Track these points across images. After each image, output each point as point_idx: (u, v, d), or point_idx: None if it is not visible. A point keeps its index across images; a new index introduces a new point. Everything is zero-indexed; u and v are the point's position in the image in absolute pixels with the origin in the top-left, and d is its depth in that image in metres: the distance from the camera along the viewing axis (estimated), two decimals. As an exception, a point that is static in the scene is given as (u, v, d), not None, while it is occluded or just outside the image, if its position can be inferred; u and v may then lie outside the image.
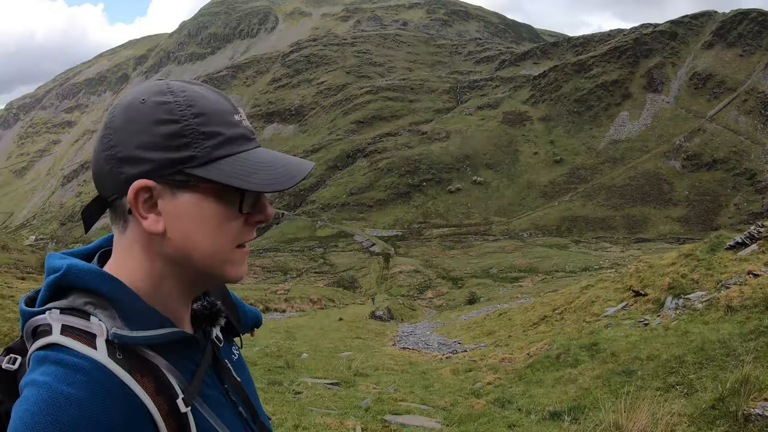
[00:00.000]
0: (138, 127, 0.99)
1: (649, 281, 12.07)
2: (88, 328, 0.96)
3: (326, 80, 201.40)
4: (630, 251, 77.94)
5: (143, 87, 1.04)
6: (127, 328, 0.98)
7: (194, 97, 1.04)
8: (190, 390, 1.04)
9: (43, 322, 0.99)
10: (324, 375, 10.87)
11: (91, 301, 1.00)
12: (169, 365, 1.02)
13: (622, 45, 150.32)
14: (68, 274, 1.01)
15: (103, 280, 1.01)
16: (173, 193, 1.01)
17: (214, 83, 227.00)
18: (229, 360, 1.25)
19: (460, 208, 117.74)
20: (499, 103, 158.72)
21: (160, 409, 0.97)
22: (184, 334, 1.06)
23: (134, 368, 0.96)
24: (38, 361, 0.94)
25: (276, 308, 37.43)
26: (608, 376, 7.22)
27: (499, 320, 23.13)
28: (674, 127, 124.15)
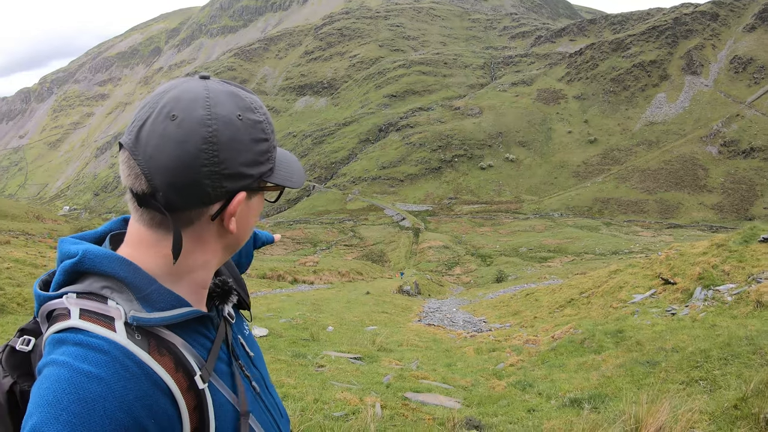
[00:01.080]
0: (241, 146, 1.05)
1: (679, 270, 11.86)
2: (106, 312, 0.99)
3: (359, 53, 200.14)
4: (661, 236, 76.67)
5: (224, 95, 1.07)
6: (144, 310, 1.01)
7: (266, 111, 1.15)
8: (207, 366, 1.07)
9: (60, 306, 1.00)
10: (348, 349, 10.95)
11: (108, 285, 1.03)
12: (185, 343, 1.06)
13: (661, 24, 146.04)
14: (84, 259, 1.04)
15: (120, 264, 1.03)
16: (249, 198, 1.13)
17: (246, 56, 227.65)
18: (241, 335, 1.30)
19: (491, 185, 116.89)
20: (533, 80, 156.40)
21: (180, 386, 1.00)
22: (200, 312, 1.09)
23: (152, 348, 0.99)
24: (56, 343, 0.95)
25: (304, 280, 37.77)
26: (632, 365, 7.16)
27: (525, 300, 23.03)
28: (712, 111, 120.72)
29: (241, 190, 1.07)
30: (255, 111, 1.10)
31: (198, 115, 1.02)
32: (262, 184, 1.13)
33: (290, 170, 1.20)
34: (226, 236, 1.13)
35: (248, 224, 1.17)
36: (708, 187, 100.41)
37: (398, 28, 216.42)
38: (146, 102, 1.07)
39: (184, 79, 1.10)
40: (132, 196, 1.06)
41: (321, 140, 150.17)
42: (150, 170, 1.01)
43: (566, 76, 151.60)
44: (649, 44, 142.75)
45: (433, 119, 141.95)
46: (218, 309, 1.23)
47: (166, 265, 1.08)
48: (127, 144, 1.04)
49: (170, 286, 1.07)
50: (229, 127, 1.04)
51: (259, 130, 1.09)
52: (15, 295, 11.29)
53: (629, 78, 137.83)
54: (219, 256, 1.16)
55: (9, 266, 14.03)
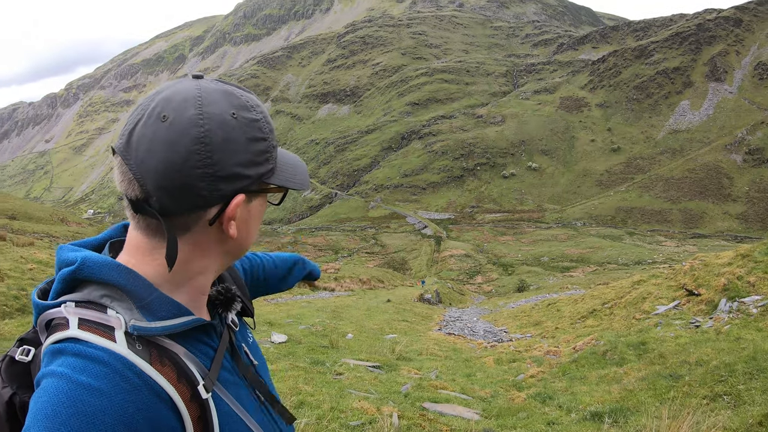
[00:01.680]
0: (236, 147, 1.01)
1: (703, 280, 11.66)
2: (106, 321, 0.96)
3: (381, 61, 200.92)
4: (685, 246, 75.70)
5: (217, 93, 1.04)
6: (144, 319, 0.99)
7: (264, 109, 1.11)
8: (210, 376, 1.04)
9: (58, 315, 0.98)
10: (367, 357, 10.90)
11: (108, 294, 1.00)
12: (187, 352, 1.03)
13: (684, 30, 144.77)
14: (83, 266, 1.01)
15: (120, 272, 1.01)
16: (249, 200, 1.09)
17: (269, 63, 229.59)
18: (245, 343, 1.27)
19: (514, 193, 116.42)
20: (556, 87, 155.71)
21: (182, 396, 0.97)
22: (202, 321, 1.07)
23: (154, 358, 0.97)
24: (54, 353, 0.93)
25: (325, 287, 37.78)
26: (654, 378, 7.04)
27: (547, 311, 22.81)
28: (736, 119, 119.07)
29: (239, 192, 1.03)
30: (251, 109, 1.06)
31: (189, 114, 0.98)
32: (262, 185, 1.10)
33: (293, 171, 1.16)
34: (227, 242, 1.09)
35: (250, 228, 1.13)
36: (732, 197, 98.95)
37: (420, 36, 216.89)
38: (139, 104, 1.04)
39: (177, 80, 1.06)
40: (127, 203, 1.04)
41: (343, 148, 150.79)
42: (142, 174, 0.98)
43: (589, 83, 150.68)
44: (673, 51, 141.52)
45: (455, 127, 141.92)
46: (221, 317, 1.20)
47: (164, 273, 1.05)
48: (118, 148, 1.02)
49: (169, 294, 1.05)
50: (223, 127, 1.00)
51: (256, 128, 1.05)
52: (37, 297, 11.43)
53: (653, 85, 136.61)
54: (219, 262, 1.13)
55: (32, 267, 14.23)
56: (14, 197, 76.79)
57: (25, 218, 47.35)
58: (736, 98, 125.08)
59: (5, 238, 21.64)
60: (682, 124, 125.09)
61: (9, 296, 10.72)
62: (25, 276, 12.99)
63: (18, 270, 13.35)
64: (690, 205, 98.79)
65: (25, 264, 14.42)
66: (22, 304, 10.70)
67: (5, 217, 45.35)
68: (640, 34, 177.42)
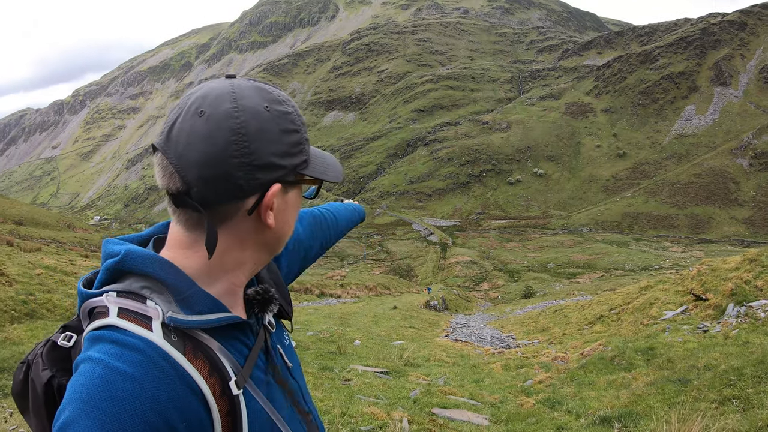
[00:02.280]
0: (270, 137, 1.06)
1: (710, 285, 11.65)
2: (144, 311, 1.00)
3: (387, 68, 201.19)
4: (692, 252, 75.33)
5: (250, 89, 1.09)
6: (182, 312, 1.02)
7: (295, 104, 1.16)
8: (243, 373, 1.07)
9: (100, 304, 1.02)
10: (375, 363, 10.93)
11: (148, 286, 1.04)
12: (222, 347, 1.06)
13: (688, 35, 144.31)
14: (127, 258, 1.05)
15: (161, 265, 1.05)
16: (285, 191, 1.13)
17: (275, 71, 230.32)
18: (281, 345, 1.29)
19: (520, 200, 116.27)
20: (561, 93, 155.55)
21: (213, 390, 1.00)
22: (238, 318, 1.09)
23: (188, 350, 1.00)
24: (93, 340, 0.97)
25: (331, 294, 37.87)
26: (663, 383, 7.05)
27: (554, 317, 22.79)
28: (742, 122, 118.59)
29: (276, 181, 1.08)
30: (282, 103, 1.12)
31: (225, 108, 1.03)
32: (297, 177, 1.14)
33: (326, 164, 1.21)
34: (265, 232, 1.12)
35: (287, 220, 1.17)
36: (739, 201, 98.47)
37: (426, 43, 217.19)
38: (176, 104, 1.08)
39: (210, 81, 1.12)
40: (169, 198, 1.08)
41: (349, 155, 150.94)
42: (182, 167, 1.02)
43: (594, 89, 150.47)
44: (677, 56, 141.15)
45: (460, 134, 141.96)
46: (258, 317, 1.22)
47: (204, 266, 1.08)
48: (159, 144, 1.06)
49: (207, 288, 1.08)
50: (257, 118, 1.05)
51: (288, 121, 1.10)
52: (45, 301, 11.52)
53: (658, 90, 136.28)
54: (257, 254, 1.16)
55: (40, 272, 14.31)
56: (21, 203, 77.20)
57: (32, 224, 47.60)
58: (742, 102, 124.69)
59: (12, 244, 21.80)
60: (687, 129, 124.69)
61: (17, 301, 10.79)
62: (33, 281, 13.07)
63: (26, 275, 13.43)
64: (696, 210, 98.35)
65: (32, 269, 14.51)
66: (30, 309, 10.76)
67: (12, 222, 45.67)
68: (645, 39, 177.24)
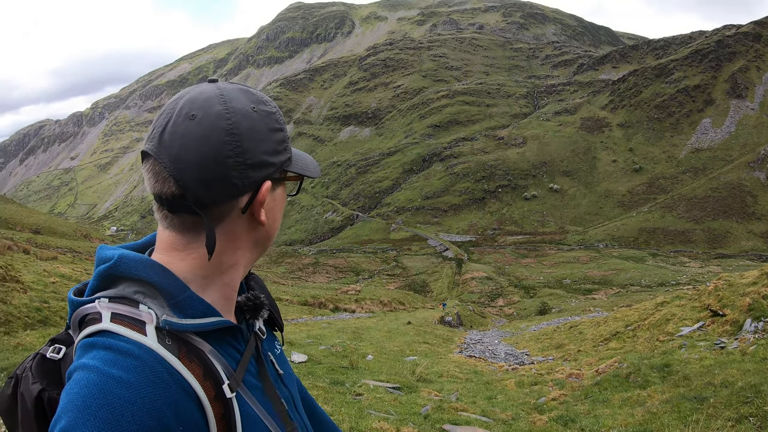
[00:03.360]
0: (260, 136, 1.10)
1: (728, 301, 11.47)
2: (137, 316, 1.00)
3: (403, 84, 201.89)
4: (709, 267, 74.43)
5: (235, 91, 1.13)
6: (175, 316, 1.02)
7: (276, 105, 1.21)
8: (235, 376, 1.07)
9: (93, 310, 1.02)
10: (387, 378, 10.87)
11: (141, 290, 1.04)
12: (214, 351, 1.06)
13: (703, 48, 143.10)
14: (119, 263, 1.06)
15: (154, 269, 1.05)
16: (273, 188, 1.17)
17: (291, 86, 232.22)
18: (272, 353, 1.29)
19: (536, 215, 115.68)
20: (577, 108, 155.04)
21: (207, 393, 1.00)
22: (230, 323, 1.10)
23: (183, 354, 1.00)
24: (87, 347, 0.97)
25: (345, 308, 37.80)
26: (678, 401, 6.92)
27: (569, 333, 22.57)
28: (759, 135, 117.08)
29: (266, 179, 1.11)
30: (267, 103, 1.16)
31: (216, 110, 1.06)
32: (283, 174, 1.19)
33: (305, 161, 1.26)
34: (257, 230, 1.16)
35: (276, 217, 1.20)
36: (757, 215, 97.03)
37: (441, 59, 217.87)
38: (162, 111, 1.11)
39: (194, 86, 1.14)
40: (160, 204, 1.09)
41: (365, 170, 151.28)
42: (177, 170, 1.04)
43: (610, 103, 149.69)
44: (693, 69, 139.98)
45: (476, 149, 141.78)
46: (248, 323, 1.23)
47: (199, 268, 1.10)
48: (151, 150, 1.07)
49: (200, 292, 1.09)
50: (247, 119, 1.08)
51: (274, 120, 1.15)
52: (59, 309, 11.62)
53: (673, 104, 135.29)
54: (249, 253, 1.18)
55: (54, 281, 14.42)
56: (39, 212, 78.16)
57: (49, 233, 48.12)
58: (758, 114, 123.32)
59: (29, 252, 22.00)
60: (704, 143, 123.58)
61: (31, 308, 10.88)
62: (48, 289, 13.17)
63: (41, 283, 13.54)
64: (713, 225, 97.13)
65: (48, 277, 14.63)
66: (44, 316, 10.84)
67: (30, 231, 46.23)
68: (660, 52, 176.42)
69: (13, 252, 19.82)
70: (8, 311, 10.08)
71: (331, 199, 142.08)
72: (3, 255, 16.37)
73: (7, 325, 9.57)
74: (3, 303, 10.26)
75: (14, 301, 10.66)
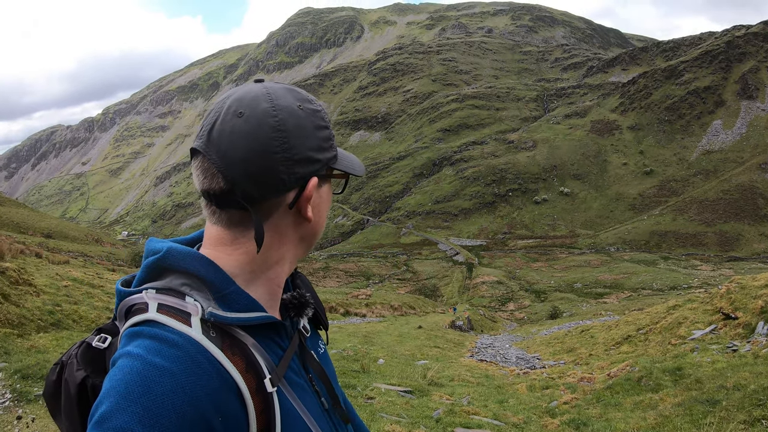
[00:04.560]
0: (306, 132, 1.12)
1: (740, 303, 11.41)
2: (183, 307, 1.03)
3: (412, 88, 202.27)
4: (721, 270, 73.93)
5: (281, 90, 1.16)
6: (220, 309, 1.05)
7: (322, 103, 1.25)
8: (277, 371, 1.09)
9: (140, 300, 1.05)
10: (398, 382, 10.87)
11: (188, 283, 1.07)
12: (257, 345, 1.08)
13: (713, 49, 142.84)
14: (168, 255, 1.09)
15: (201, 263, 1.08)
16: (320, 185, 1.19)
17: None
18: (314, 351, 1.30)
19: (546, 219, 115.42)
20: (587, 111, 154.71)
21: (249, 386, 1.02)
22: (274, 319, 1.12)
23: (225, 346, 1.02)
24: (132, 336, 1.00)
25: (356, 312, 37.80)
26: (691, 404, 6.90)
27: (580, 337, 22.49)
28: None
29: (313, 175, 1.13)
30: (312, 102, 1.18)
31: (263, 108, 1.09)
32: (329, 171, 1.20)
33: (350, 160, 1.27)
34: (303, 226, 1.17)
35: (322, 213, 1.22)
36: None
37: (450, 63, 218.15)
38: (211, 110, 1.14)
39: (241, 85, 1.17)
40: (209, 200, 1.12)
41: (375, 174, 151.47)
42: (226, 166, 1.06)
43: (620, 106, 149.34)
44: (703, 70, 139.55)
45: (486, 153, 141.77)
46: (293, 320, 1.25)
47: (245, 263, 1.12)
48: (200, 146, 1.10)
49: (246, 287, 1.11)
50: (293, 116, 1.11)
51: (319, 118, 1.17)
52: (71, 312, 11.64)
53: (684, 106, 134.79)
54: (295, 249, 1.20)
55: (67, 284, 14.47)
56: (51, 216, 78.70)
57: (61, 237, 48.44)
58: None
59: (41, 256, 22.12)
60: (715, 144, 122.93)
61: (44, 311, 10.92)
62: (60, 292, 13.23)
63: (53, 286, 13.59)
64: (725, 228, 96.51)
65: (60, 281, 14.69)
66: (56, 319, 10.88)
67: (42, 235, 46.58)
68: (670, 54, 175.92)
69: (26, 256, 19.92)
70: (21, 314, 10.13)
71: (341, 204, 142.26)
72: (15, 258, 16.44)
73: (20, 327, 9.63)
74: (16, 306, 10.32)
75: (27, 304, 10.71)
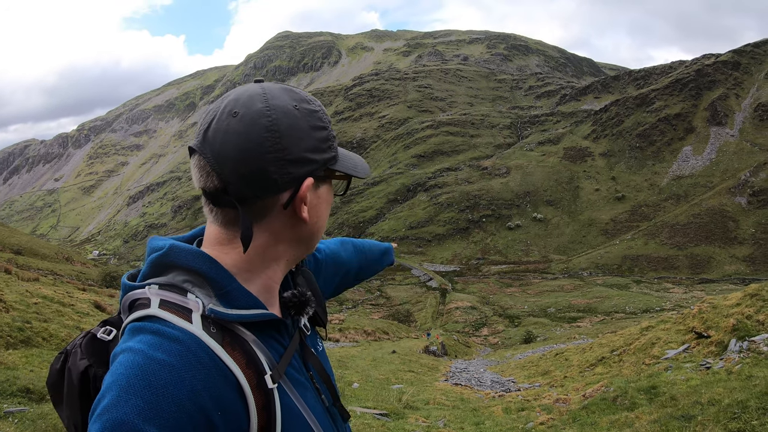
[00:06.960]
0: (301, 133, 1.12)
1: (712, 322, 11.56)
2: (185, 303, 1.04)
3: (388, 114, 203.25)
4: (693, 292, 74.91)
5: (278, 90, 1.16)
6: (222, 306, 1.06)
7: (321, 104, 1.23)
8: (278, 368, 1.10)
9: (142, 296, 1.07)
10: (374, 405, 10.78)
11: (190, 279, 1.09)
12: (258, 342, 1.09)
13: (684, 77, 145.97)
14: (170, 252, 1.11)
15: (203, 260, 1.10)
16: (317, 186, 1.19)
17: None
18: (314, 350, 1.31)
19: (519, 245, 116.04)
20: (560, 138, 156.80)
21: (250, 381, 1.03)
22: (275, 316, 1.14)
23: (226, 342, 1.04)
24: (134, 331, 1.01)
25: (330, 337, 37.48)
26: (666, 420, 6.91)
27: (555, 360, 22.55)
28: (739, 161, 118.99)
29: (308, 175, 1.13)
30: (310, 102, 1.18)
31: (257, 108, 1.09)
32: (328, 172, 1.20)
33: (354, 161, 1.27)
34: (299, 226, 1.17)
35: (320, 214, 1.21)
36: (739, 239, 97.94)
37: (426, 90, 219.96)
38: (209, 109, 1.15)
39: (241, 86, 1.17)
40: (206, 198, 1.14)
41: (349, 199, 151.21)
42: (219, 165, 1.07)
43: (592, 133, 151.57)
44: (673, 98, 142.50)
45: (460, 179, 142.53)
46: (293, 319, 1.26)
47: (242, 261, 1.13)
48: (195, 145, 1.12)
49: (245, 284, 1.13)
50: (288, 116, 1.11)
51: (316, 118, 1.16)
52: (41, 330, 11.37)
53: (655, 132, 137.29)
54: (292, 249, 1.20)
55: (37, 302, 14.19)
56: (21, 232, 77.15)
57: (31, 254, 47.46)
58: (738, 141, 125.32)
59: (11, 272, 21.72)
60: (685, 170, 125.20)
61: (14, 327, 10.67)
62: (30, 309, 12.96)
63: (23, 303, 13.32)
64: (696, 251, 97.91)
65: (30, 298, 14.40)
66: (26, 336, 10.62)
67: (11, 251, 45.65)
68: (641, 82, 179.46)
69: (-6, 271, 19.54)
70: (-10, 329, 9.90)
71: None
72: (-16, 276, 16.11)
73: (-12, 343, 9.39)
74: (-16, 321, 10.09)
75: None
